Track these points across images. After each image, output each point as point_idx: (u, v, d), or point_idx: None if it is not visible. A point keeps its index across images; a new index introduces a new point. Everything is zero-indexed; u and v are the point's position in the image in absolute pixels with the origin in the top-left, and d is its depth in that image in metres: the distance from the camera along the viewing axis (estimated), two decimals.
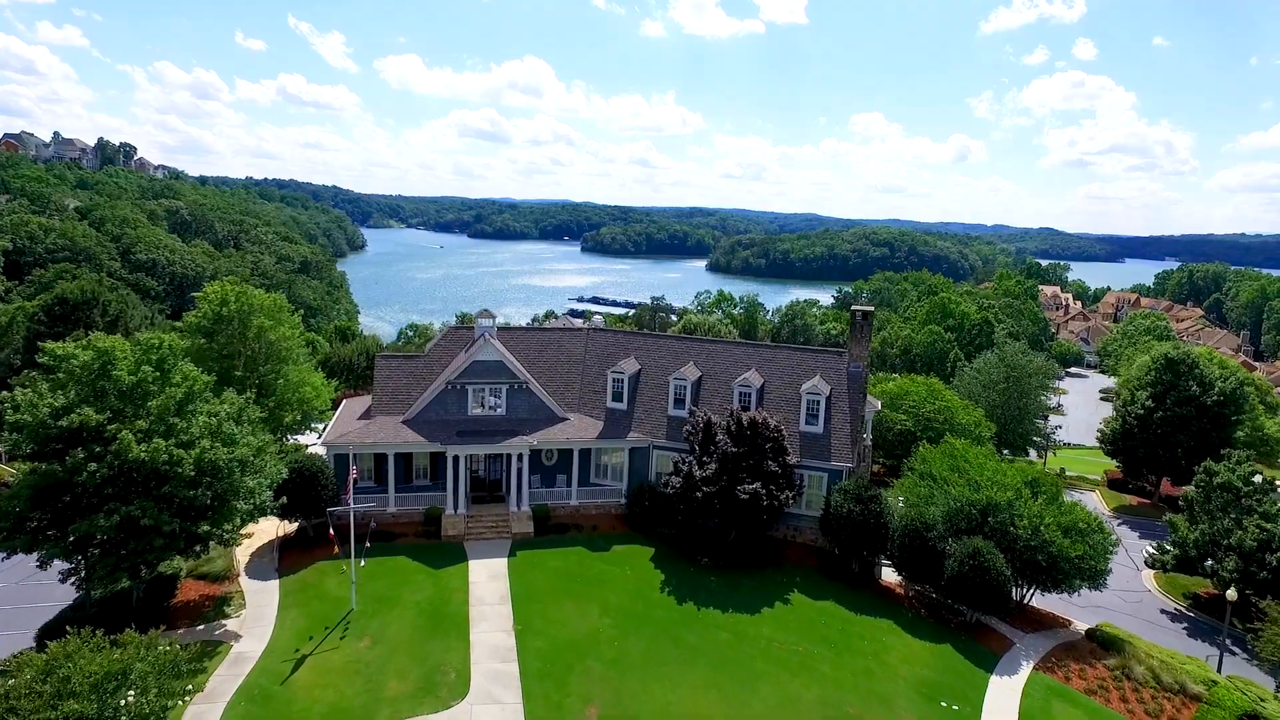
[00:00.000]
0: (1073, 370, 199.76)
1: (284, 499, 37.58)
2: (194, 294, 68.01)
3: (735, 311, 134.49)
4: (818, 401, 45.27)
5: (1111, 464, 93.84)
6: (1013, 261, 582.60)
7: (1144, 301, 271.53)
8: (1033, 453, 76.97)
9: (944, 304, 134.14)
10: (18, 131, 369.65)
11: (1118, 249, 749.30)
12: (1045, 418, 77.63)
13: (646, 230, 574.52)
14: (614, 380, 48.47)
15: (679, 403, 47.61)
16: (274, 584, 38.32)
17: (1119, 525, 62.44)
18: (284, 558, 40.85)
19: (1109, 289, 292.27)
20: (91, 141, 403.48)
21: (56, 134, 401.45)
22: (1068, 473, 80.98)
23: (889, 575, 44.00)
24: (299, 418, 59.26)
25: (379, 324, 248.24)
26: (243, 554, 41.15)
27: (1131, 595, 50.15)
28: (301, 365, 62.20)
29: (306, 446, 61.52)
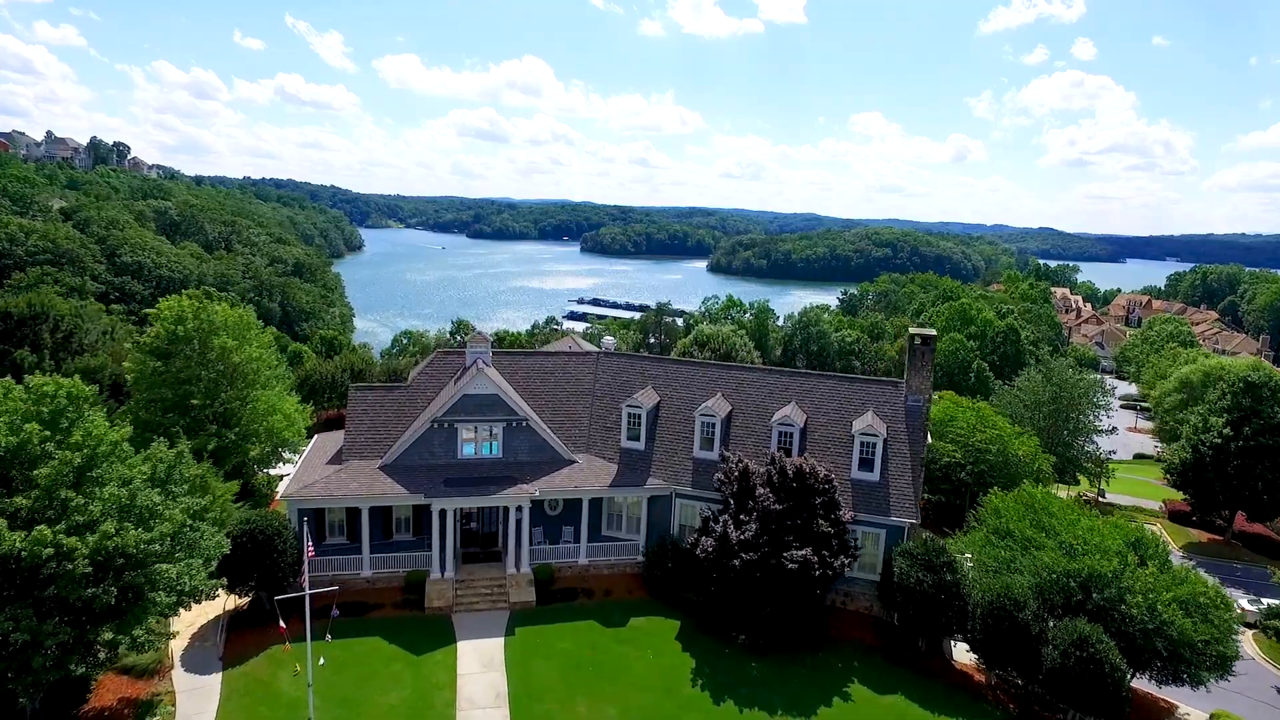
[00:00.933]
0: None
1: (224, 579, 30.21)
2: (147, 310, 60.67)
3: (745, 318, 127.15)
4: (873, 444, 37.81)
5: (1160, 485, 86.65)
6: (1015, 262, 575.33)
7: (1155, 304, 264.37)
8: (1080, 479, 69.74)
9: (964, 310, 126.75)
10: (8, 131, 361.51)
11: (1118, 249, 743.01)
12: (1093, 441, 70.24)
13: (646, 230, 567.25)
14: (629, 415, 40.97)
15: (707, 443, 40.11)
16: (215, 679, 30.82)
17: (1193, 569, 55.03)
18: (232, 641, 33.31)
19: (1119, 291, 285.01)
20: (86, 141, 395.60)
21: (49, 133, 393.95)
22: (1107, 496, 73.75)
23: (960, 652, 36.60)
24: (267, 450, 51.75)
25: (375, 328, 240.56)
26: (182, 635, 33.63)
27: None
28: (272, 390, 54.74)
29: (280, 479, 54.17)
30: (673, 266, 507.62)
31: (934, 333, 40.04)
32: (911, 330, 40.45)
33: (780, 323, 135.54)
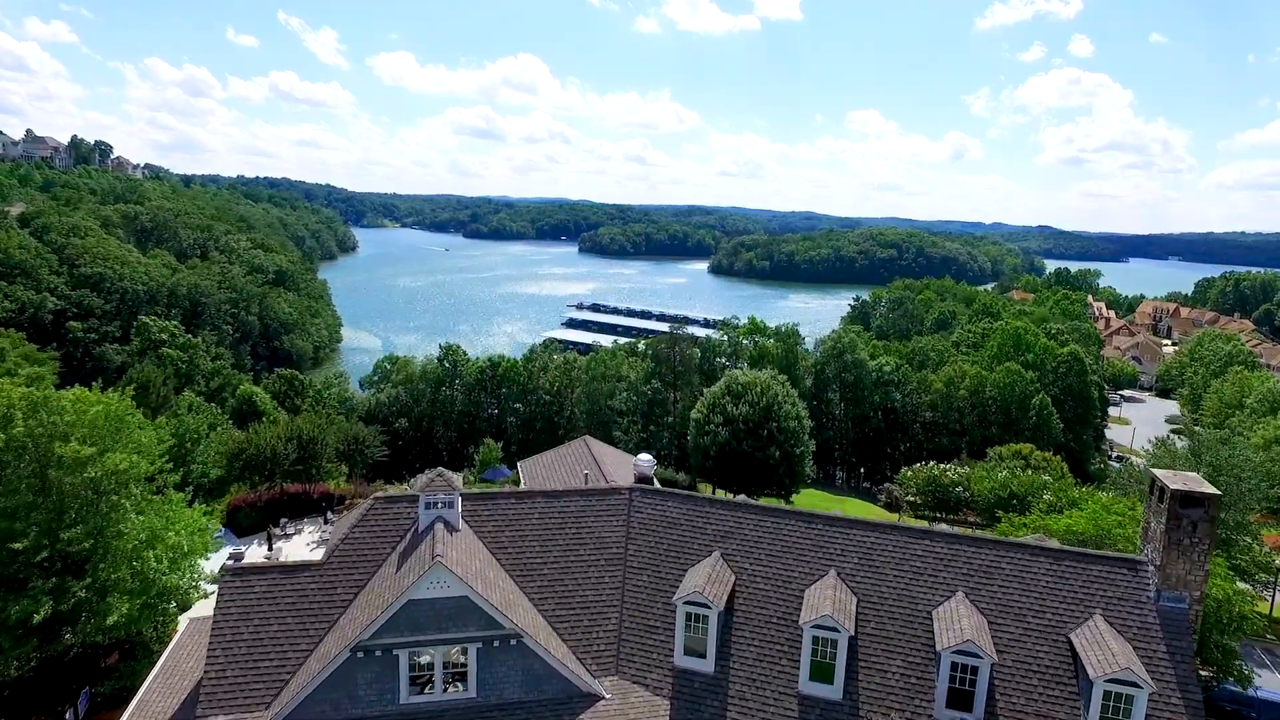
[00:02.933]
0: (1126, 393, 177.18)
1: None
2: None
3: (770, 343, 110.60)
4: (1129, 699, 21.23)
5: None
6: (1021, 263, 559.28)
7: (1184, 312, 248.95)
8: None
9: (1018, 336, 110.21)
10: None
11: (1120, 248, 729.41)
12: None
13: (646, 231, 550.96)
14: (689, 616, 24.35)
15: (822, 671, 23.49)
16: None
17: None
18: None
19: (1142, 297, 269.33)
20: (84, 139, 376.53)
21: (29, 131, 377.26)
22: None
23: None
24: (139, 608, 34.86)
25: (364, 339, 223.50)
26: None
27: None
28: (160, 505, 38.05)
29: (203, 595, 37.77)
30: (673, 268, 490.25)
31: (1214, 492, 23.29)
32: (1169, 482, 23.66)
33: (810, 347, 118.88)
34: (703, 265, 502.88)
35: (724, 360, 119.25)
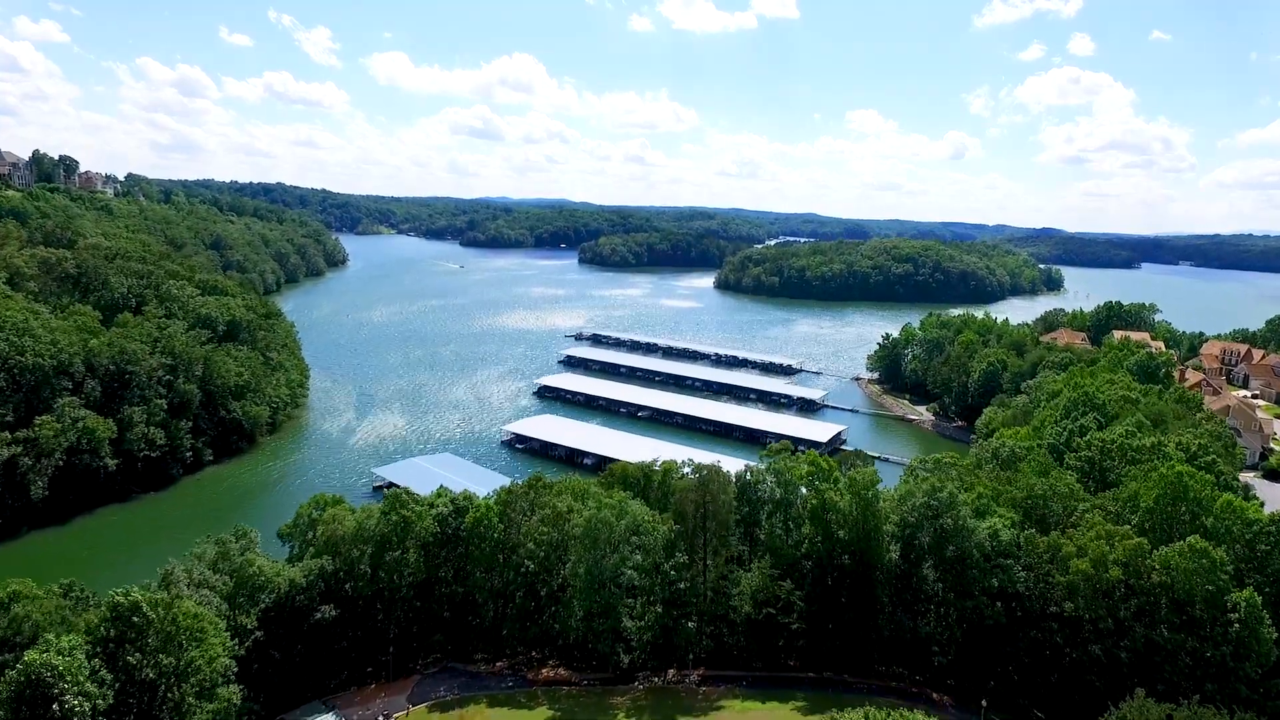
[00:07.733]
0: None
1: None
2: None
3: (837, 493, 77.39)
4: None
5: None
6: (1039, 276, 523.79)
7: (1257, 354, 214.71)
8: None
9: (1184, 484, 76.26)
10: None
11: (1131, 252, 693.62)
12: None
13: (648, 240, 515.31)
14: None
15: None
16: None
17: None
18: None
19: (1203, 335, 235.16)
20: (46, 155, 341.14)
21: None
22: None
23: None
24: None
25: (336, 399, 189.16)
26: None
27: None
28: None
29: None
30: (677, 284, 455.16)
31: None
32: None
33: (888, 490, 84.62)
34: (708, 280, 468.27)
35: (770, 505, 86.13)
